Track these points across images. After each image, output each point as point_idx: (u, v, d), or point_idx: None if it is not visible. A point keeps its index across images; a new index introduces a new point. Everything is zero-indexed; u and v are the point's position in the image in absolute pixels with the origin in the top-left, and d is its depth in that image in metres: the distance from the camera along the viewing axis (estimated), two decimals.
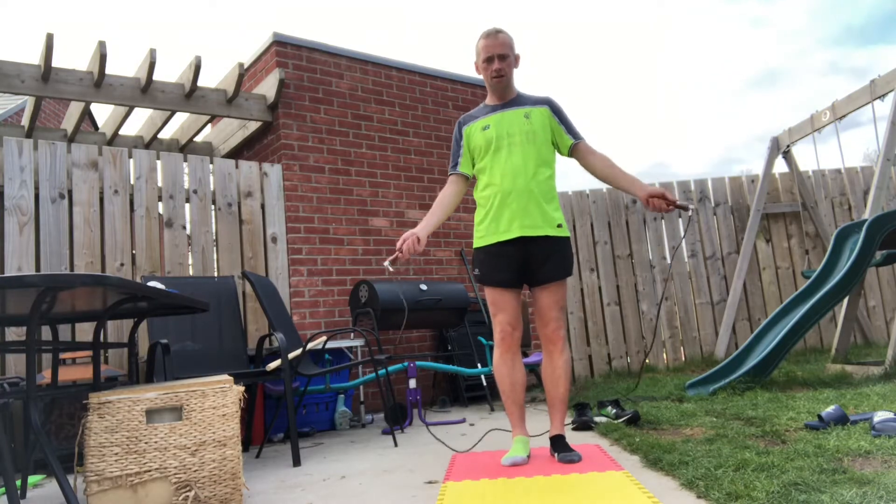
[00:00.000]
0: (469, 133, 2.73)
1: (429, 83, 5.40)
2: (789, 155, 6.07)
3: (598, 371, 5.59)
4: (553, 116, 2.70)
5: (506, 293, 2.62)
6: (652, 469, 2.26)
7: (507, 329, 2.60)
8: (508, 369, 2.62)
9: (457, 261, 5.29)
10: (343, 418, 3.99)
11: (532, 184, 2.58)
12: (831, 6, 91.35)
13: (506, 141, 2.62)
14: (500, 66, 2.63)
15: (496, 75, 2.64)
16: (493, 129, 2.65)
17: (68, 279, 1.82)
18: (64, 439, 3.10)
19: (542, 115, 2.68)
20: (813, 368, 4.48)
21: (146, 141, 5.12)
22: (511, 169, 2.59)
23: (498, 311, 2.63)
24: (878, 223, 4.14)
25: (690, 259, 5.90)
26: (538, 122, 2.66)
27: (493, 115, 2.70)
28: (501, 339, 2.62)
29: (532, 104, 2.70)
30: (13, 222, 3.58)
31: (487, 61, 2.65)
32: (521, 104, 2.70)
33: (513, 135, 2.62)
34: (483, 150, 2.66)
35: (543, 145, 2.65)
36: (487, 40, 2.64)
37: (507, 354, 2.62)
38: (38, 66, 3.93)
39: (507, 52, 2.65)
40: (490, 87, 2.71)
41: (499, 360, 2.64)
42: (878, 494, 1.65)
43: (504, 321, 2.61)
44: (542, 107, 2.70)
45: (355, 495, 2.23)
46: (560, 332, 2.59)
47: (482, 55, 2.66)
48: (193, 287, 3.60)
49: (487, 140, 2.65)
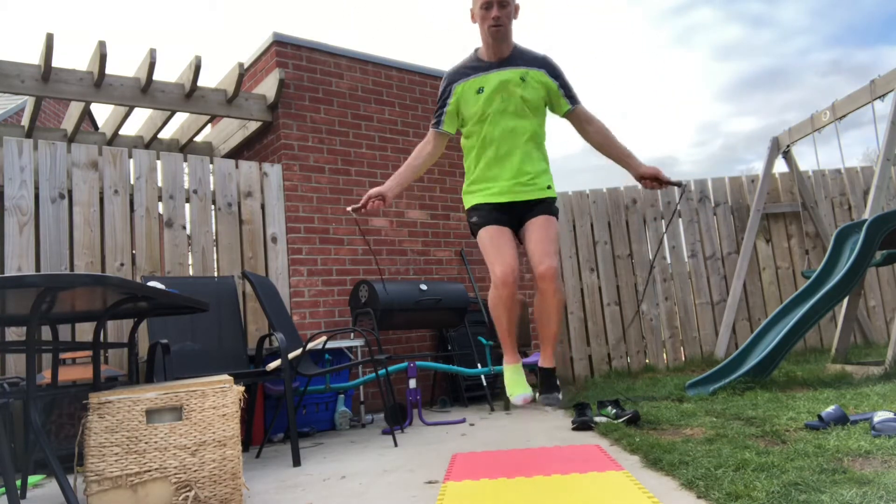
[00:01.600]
0: (461, 92, 2.59)
1: (429, 83, 5.40)
2: (789, 155, 6.07)
3: (598, 371, 5.59)
4: (550, 79, 2.58)
5: (502, 232, 2.52)
6: (652, 469, 2.26)
7: (507, 273, 2.43)
8: (507, 311, 2.50)
9: (457, 261, 5.29)
10: (343, 418, 3.99)
11: (525, 152, 2.54)
12: (833, 5, 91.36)
13: (500, 106, 2.51)
14: (500, 14, 2.45)
15: (494, 24, 2.46)
16: (486, 93, 2.52)
17: (68, 279, 1.82)
18: (64, 439, 3.10)
19: (538, 79, 2.56)
20: (813, 368, 4.48)
21: (146, 141, 5.12)
22: (505, 137, 2.52)
23: (496, 252, 2.48)
24: (878, 223, 4.14)
25: (690, 259, 5.90)
26: (533, 87, 2.54)
27: (487, 74, 2.54)
28: (503, 283, 2.44)
29: (528, 64, 2.56)
30: (13, 222, 3.58)
31: (485, 7, 2.46)
32: (517, 63, 2.55)
33: (507, 100, 2.51)
34: (476, 114, 2.55)
35: (538, 111, 2.58)
36: None
37: (507, 298, 2.47)
38: (38, 66, 3.93)
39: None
40: (486, 37, 2.53)
41: (497, 302, 2.48)
42: (878, 494, 1.65)
43: (505, 264, 2.44)
44: (539, 69, 2.57)
45: (355, 495, 2.23)
46: (552, 271, 2.42)
47: (480, 0, 2.47)
48: (193, 287, 3.60)
49: (481, 105, 2.53)
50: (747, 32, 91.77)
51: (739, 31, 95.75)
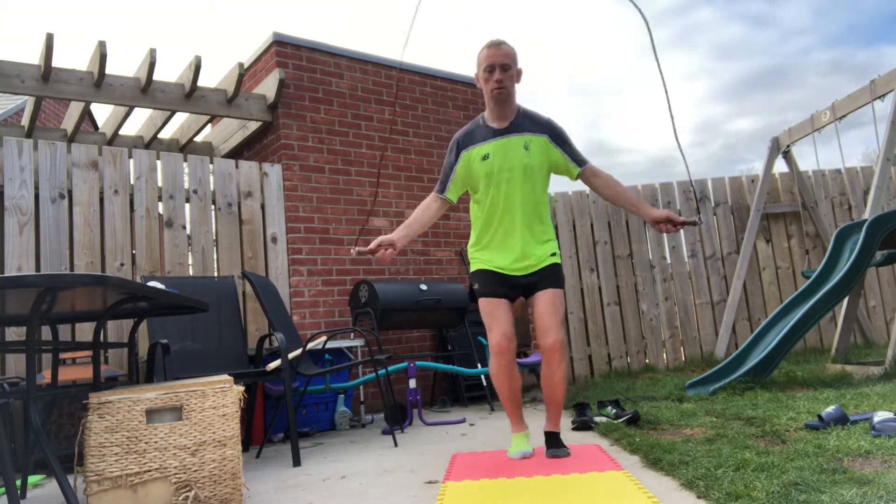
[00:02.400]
0: (468, 159, 2.70)
1: (429, 83, 5.40)
2: (789, 155, 6.07)
3: (598, 371, 5.59)
4: (554, 146, 2.68)
5: (501, 304, 2.63)
6: (652, 469, 2.26)
7: (503, 342, 2.58)
8: (507, 377, 2.65)
9: (457, 261, 5.29)
10: (343, 418, 3.99)
11: (529, 222, 2.63)
12: (834, 5, 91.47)
13: (505, 175, 2.62)
14: (502, 77, 2.59)
15: (497, 87, 2.59)
16: (492, 161, 2.64)
17: (68, 279, 1.82)
18: (64, 439, 3.10)
19: (541, 146, 2.66)
20: (813, 368, 4.48)
21: (146, 141, 5.12)
22: (509, 207, 2.62)
23: (493, 322, 2.62)
24: (878, 223, 4.14)
25: (690, 259, 5.89)
26: (537, 155, 2.65)
27: (493, 141, 2.66)
28: (499, 353, 2.60)
29: (532, 130, 2.67)
30: (13, 222, 3.58)
31: (489, 71, 2.61)
32: (520, 129, 2.66)
33: (512, 169, 2.62)
34: (482, 181, 2.66)
35: (541, 179, 2.68)
36: (490, 50, 2.61)
37: (506, 367, 2.62)
38: (38, 66, 3.93)
39: (510, 63, 2.61)
40: (489, 99, 2.66)
41: (497, 370, 2.64)
42: (878, 494, 1.65)
43: (500, 333, 2.59)
44: (542, 135, 2.67)
45: (355, 495, 2.23)
46: (558, 344, 2.55)
47: (483, 64, 2.62)
48: (193, 287, 3.60)
49: (487, 172, 2.64)
50: (748, 32, 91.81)
51: (740, 30, 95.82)
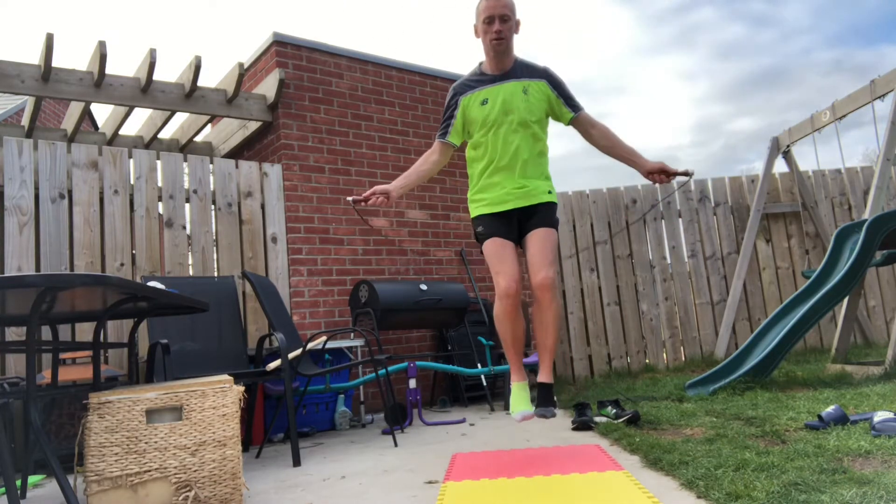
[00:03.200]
0: (466, 104, 2.69)
1: (429, 83, 5.40)
2: (789, 155, 6.07)
3: (598, 371, 5.59)
4: (551, 89, 2.68)
5: (506, 245, 2.62)
6: (652, 469, 2.26)
7: (511, 285, 2.55)
8: (511, 323, 2.61)
9: (457, 261, 5.29)
10: (343, 418, 3.99)
11: (527, 162, 2.62)
12: (835, 5, 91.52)
13: (504, 118, 2.61)
14: (501, 28, 2.56)
15: (496, 37, 2.57)
16: (490, 105, 2.62)
17: (68, 279, 1.82)
18: (64, 439, 3.10)
19: (539, 90, 2.66)
20: (813, 368, 4.48)
21: (146, 141, 5.12)
22: (509, 148, 2.61)
23: (500, 264, 2.59)
24: (878, 223, 4.14)
25: (690, 259, 5.89)
26: (536, 99, 2.65)
27: (491, 87, 2.65)
28: (505, 295, 2.56)
29: (530, 76, 2.67)
30: (13, 222, 3.58)
31: (488, 22, 2.58)
32: (519, 75, 2.66)
33: (511, 112, 2.61)
34: (480, 125, 2.65)
35: (540, 122, 2.67)
36: (489, 1, 2.58)
37: (511, 310, 2.59)
38: (38, 66, 3.93)
39: (509, 13, 2.59)
40: (488, 50, 2.64)
41: (501, 314, 2.60)
42: (878, 494, 1.65)
43: (508, 275, 2.56)
44: (541, 80, 2.67)
45: (355, 495, 2.23)
46: (549, 281, 2.52)
47: (482, 15, 2.60)
48: (193, 287, 3.60)
49: (486, 116, 2.63)
50: (749, 32, 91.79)
51: (741, 30, 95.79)
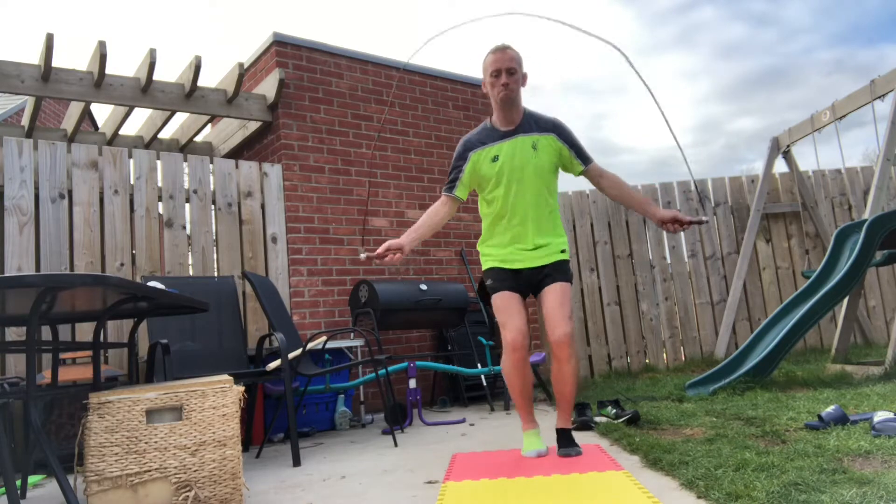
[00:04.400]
0: (476, 161, 2.72)
1: (429, 83, 5.40)
2: (789, 155, 6.07)
3: (598, 371, 5.59)
4: (561, 143, 2.71)
5: (514, 298, 2.65)
6: (652, 469, 2.26)
7: (518, 338, 2.58)
8: (520, 374, 2.64)
9: (457, 261, 5.29)
10: (343, 418, 3.99)
11: (539, 219, 2.66)
12: (837, 4, 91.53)
13: (515, 176, 2.65)
14: (508, 81, 2.61)
15: (504, 90, 2.62)
16: (501, 162, 2.66)
17: (68, 279, 1.82)
18: (64, 439, 3.10)
19: (549, 145, 2.69)
20: (813, 368, 4.48)
21: (146, 141, 5.12)
22: (519, 205, 2.65)
23: (507, 318, 2.62)
24: (878, 223, 4.14)
25: (690, 259, 5.90)
26: (545, 154, 2.68)
27: (501, 143, 2.69)
28: (514, 349, 2.59)
29: (539, 130, 2.70)
30: (13, 222, 3.57)
31: (495, 75, 2.64)
32: (528, 130, 2.69)
33: (522, 168, 2.64)
34: (492, 183, 2.68)
35: (550, 178, 2.71)
36: (495, 55, 2.65)
37: (520, 363, 2.61)
38: (38, 66, 3.93)
39: (515, 67, 2.64)
40: (497, 103, 2.68)
41: (510, 367, 2.64)
42: (878, 494, 1.65)
43: (515, 329, 2.59)
44: (550, 135, 2.70)
45: (355, 495, 2.23)
46: (567, 338, 2.55)
47: (489, 69, 2.65)
48: (193, 287, 3.60)
49: (497, 173, 2.66)
50: (750, 31, 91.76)
51: (742, 29, 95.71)
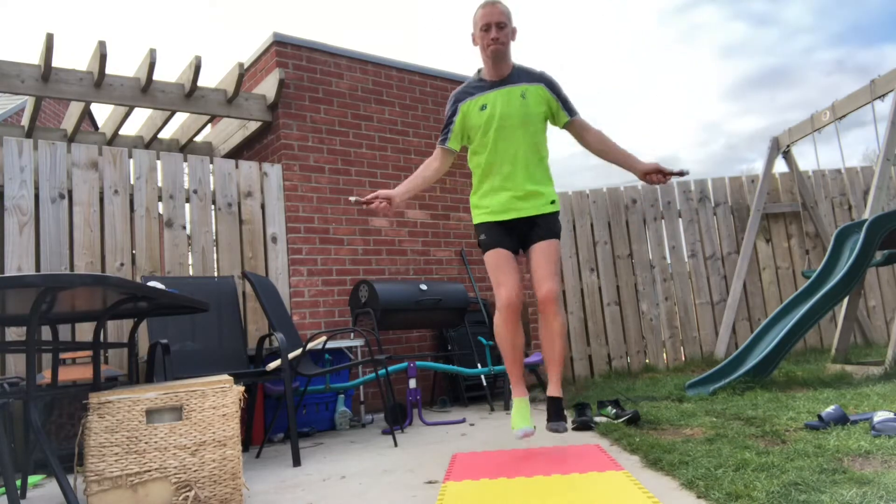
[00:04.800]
0: (466, 111, 2.72)
1: (429, 83, 5.40)
2: (789, 155, 6.07)
3: (598, 371, 5.59)
4: (550, 93, 2.71)
5: (508, 257, 2.64)
6: (652, 469, 2.26)
7: (512, 296, 2.58)
8: (511, 334, 2.64)
9: (457, 261, 5.29)
10: (343, 418, 3.99)
11: (528, 167, 2.65)
12: (838, 4, 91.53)
13: (504, 122, 2.64)
14: (498, 35, 2.61)
15: (493, 44, 2.61)
16: (489, 110, 2.65)
17: (68, 279, 1.82)
18: (64, 439, 3.10)
19: (538, 94, 2.69)
20: (813, 368, 4.48)
21: (146, 141, 5.12)
22: (508, 152, 2.64)
23: (501, 275, 2.62)
24: (878, 223, 4.14)
25: (690, 259, 5.89)
26: (534, 103, 2.67)
27: (489, 92, 2.68)
28: (506, 306, 2.59)
29: (528, 81, 2.70)
30: (13, 222, 3.57)
31: (484, 29, 2.63)
32: (517, 81, 2.69)
33: (510, 116, 2.63)
34: (480, 131, 2.68)
35: (539, 126, 2.70)
36: (485, 9, 2.64)
37: (511, 321, 2.62)
38: (38, 66, 3.93)
39: (505, 21, 2.63)
40: (486, 57, 2.68)
41: (501, 325, 2.64)
42: (878, 494, 1.65)
43: (509, 287, 2.59)
44: (538, 84, 2.70)
45: (355, 495, 2.23)
46: (553, 294, 2.55)
47: (479, 24, 2.64)
48: (193, 287, 3.60)
49: (485, 122, 2.66)
50: (751, 31, 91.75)
51: (743, 29, 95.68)
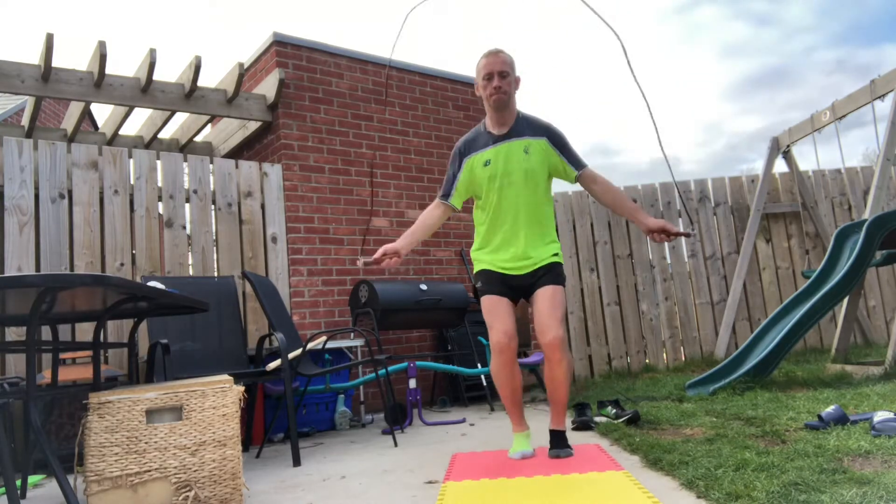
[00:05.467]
0: (471, 166, 2.74)
1: (429, 83, 5.40)
2: (789, 155, 6.07)
3: (598, 371, 5.59)
4: (553, 148, 2.72)
5: (502, 301, 2.66)
6: (652, 469, 2.26)
7: (503, 340, 2.59)
8: (507, 377, 2.65)
9: (457, 261, 5.29)
10: (343, 418, 3.99)
11: (531, 223, 2.67)
12: (839, 4, 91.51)
13: (507, 180, 2.66)
14: (500, 84, 2.63)
15: (496, 93, 2.63)
16: (492, 167, 2.68)
17: (68, 279, 1.82)
18: (64, 439, 3.10)
19: (541, 149, 2.70)
20: (813, 368, 4.48)
21: (146, 141, 5.12)
22: (510, 211, 2.66)
23: (494, 320, 2.63)
24: (878, 223, 4.14)
25: (690, 259, 5.90)
26: (537, 158, 2.68)
27: (494, 147, 2.70)
28: (500, 351, 2.60)
29: (532, 134, 2.71)
30: (13, 222, 3.58)
31: (487, 79, 2.65)
32: (521, 133, 2.70)
33: (513, 173, 2.65)
34: (485, 187, 2.69)
35: (542, 182, 2.71)
36: (488, 59, 2.67)
37: (507, 364, 2.62)
38: (38, 66, 3.93)
39: (508, 70, 2.65)
40: (489, 107, 2.70)
41: (498, 369, 2.65)
42: (878, 494, 1.65)
43: (500, 331, 2.60)
44: (541, 139, 2.71)
45: (355, 495, 2.23)
46: (558, 341, 2.54)
47: (482, 73, 2.67)
48: (193, 287, 3.60)
49: (489, 178, 2.68)
50: (752, 31, 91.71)
51: (744, 29, 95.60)
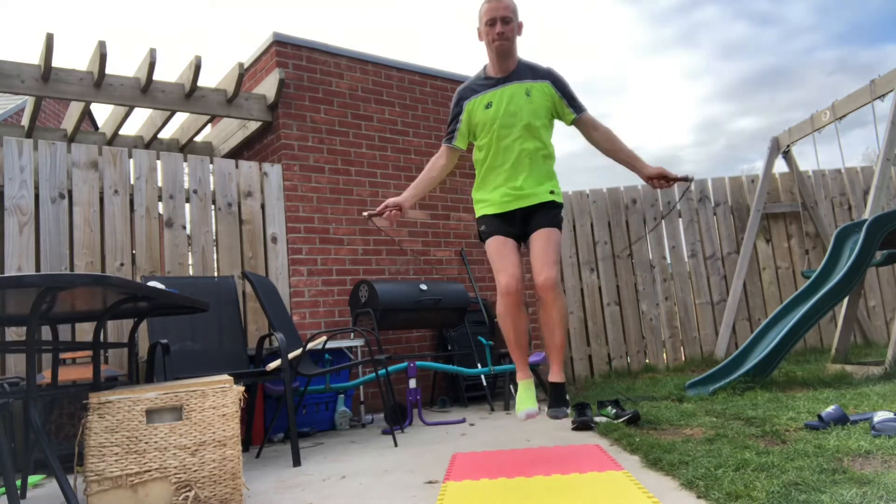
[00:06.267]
0: (471, 109, 2.71)
1: (429, 83, 5.40)
2: (789, 155, 6.08)
3: (598, 371, 5.59)
4: (555, 90, 2.69)
5: (508, 243, 2.64)
6: (652, 469, 2.26)
7: (511, 283, 2.56)
8: (513, 320, 2.63)
9: (457, 261, 5.29)
10: (343, 418, 3.99)
11: (531, 165, 2.64)
12: (839, 4, 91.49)
13: (508, 121, 2.62)
14: (503, 30, 2.59)
15: (498, 39, 2.59)
16: (494, 108, 2.64)
17: (68, 279, 1.82)
18: (64, 439, 3.10)
19: (543, 91, 2.67)
20: (813, 368, 4.48)
21: (146, 141, 5.12)
22: (512, 151, 2.63)
23: (501, 261, 2.61)
24: (878, 223, 4.14)
25: (690, 259, 5.89)
26: (539, 100, 2.65)
27: (494, 90, 2.67)
28: (507, 293, 2.58)
29: (533, 77, 2.68)
30: (13, 222, 3.57)
31: (490, 24, 2.61)
32: (522, 77, 2.67)
33: (514, 114, 2.62)
34: (485, 128, 2.67)
35: (544, 124, 2.68)
36: (490, 4, 2.62)
37: (513, 306, 2.60)
38: (38, 66, 3.93)
39: (511, 15, 2.61)
40: (491, 52, 2.66)
41: (504, 312, 2.62)
42: (878, 494, 1.65)
43: (509, 273, 2.58)
44: (544, 81, 2.68)
45: (355, 495, 2.23)
46: (550, 282, 2.52)
47: (484, 18, 2.62)
48: (193, 287, 3.60)
49: (490, 119, 2.65)
50: (752, 31, 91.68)
51: (744, 29, 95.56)
